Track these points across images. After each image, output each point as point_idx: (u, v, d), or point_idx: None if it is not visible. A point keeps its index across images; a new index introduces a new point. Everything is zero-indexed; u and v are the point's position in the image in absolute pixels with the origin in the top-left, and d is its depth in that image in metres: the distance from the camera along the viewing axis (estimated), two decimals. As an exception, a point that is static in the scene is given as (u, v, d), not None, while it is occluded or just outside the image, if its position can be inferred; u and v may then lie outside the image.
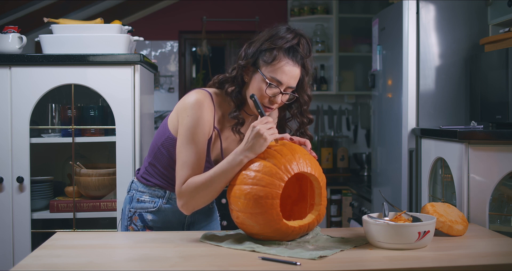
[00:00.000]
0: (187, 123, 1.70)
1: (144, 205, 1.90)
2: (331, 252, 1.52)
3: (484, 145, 2.09)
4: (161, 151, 1.85)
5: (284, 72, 1.68)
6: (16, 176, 2.41)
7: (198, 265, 1.46)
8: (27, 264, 1.46)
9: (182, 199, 1.70)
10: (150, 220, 1.89)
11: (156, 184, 1.90)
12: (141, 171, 1.96)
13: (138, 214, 1.90)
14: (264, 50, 1.69)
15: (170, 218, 1.91)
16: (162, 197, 1.89)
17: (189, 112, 1.70)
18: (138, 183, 1.94)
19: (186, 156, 1.69)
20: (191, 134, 1.69)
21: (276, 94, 1.70)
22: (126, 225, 1.93)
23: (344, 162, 4.61)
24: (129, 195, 1.95)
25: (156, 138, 1.88)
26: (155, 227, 1.89)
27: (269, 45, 1.68)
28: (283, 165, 1.59)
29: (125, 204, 1.95)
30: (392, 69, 2.88)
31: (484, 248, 1.69)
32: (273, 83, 1.68)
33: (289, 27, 1.73)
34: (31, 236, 2.43)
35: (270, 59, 1.68)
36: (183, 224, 1.94)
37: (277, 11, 4.92)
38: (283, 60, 1.68)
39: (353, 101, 4.77)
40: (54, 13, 3.52)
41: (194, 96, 1.72)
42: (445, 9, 2.68)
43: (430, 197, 2.47)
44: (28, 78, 2.42)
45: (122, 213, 1.97)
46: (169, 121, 1.82)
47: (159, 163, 1.87)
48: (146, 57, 2.54)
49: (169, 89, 4.96)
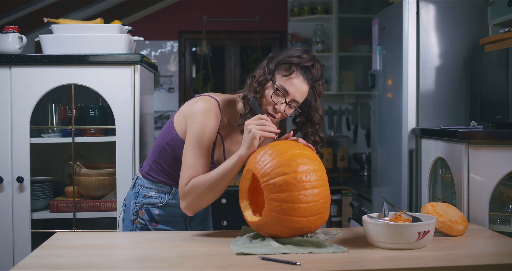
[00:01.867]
0: (196, 130, 1.80)
1: (151, 200, 1.99)
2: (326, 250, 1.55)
3: (484, 145, 2.09)
4: (166, 150, 1.94)
5: (293, 85, 1.78)
6: (16, 176, 2.41)
7: (198, 265, 1.46)
8: (27, 264, 1.46)
9: (185, 199, 1.77)
10: (157, 215, 1.99)
11: (162, 180, 2.00)
12: (145, 168, 2.04)
13: (145, 209, 1.99)
14: (281, 64, 1.80)
15: (175, 212, 2.00)
16: (168, 192, 2.00)
17: (198, 120, 1.80)
18: (144, 179, 2.02)
19: (192, 159, 1.78)
20: (198, 141, 1.79)
21: (280, 103, 1.79)
22: (131, 219, 1.99)
23: (344, 162, 4.61)
24: (134, 191, 2.02)
25: (161, 137, 1.96)
26: (161, 221, 1.99)
27: (287, 60, 1.80)
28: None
29: (129, 199, 2.02)
30: (392, 69, 2.88)
31: (484, 248, 1.69)
32: (280, 91, 1.78)
33: (307, 49, 1.88)
34: (31, 236, 2.43)
35: (284, 71, 1.79)
36: (186, 218, 2.05)
37: (277, 11, 4.92)
38: (295, 74, 1.79)
39: (353, 101, 4.77)
40: (54, 13, 3.52)
41: (203, 104, 1.83)
42: (445, 9, 2.69)
43: (430, 197, 2.47)
44: (28, 78, 2.42)
45: (126, 208, 2.03)
46: (175, 122, 1.91)
47: (164, 161, 1.96)
48: (146, 57, 2.54)
49: (169, 89, 4.96)
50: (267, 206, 1.59)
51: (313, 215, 1.59)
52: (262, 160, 1.63)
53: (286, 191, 1.56)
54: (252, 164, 1.66)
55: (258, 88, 1.79)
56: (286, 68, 1.78)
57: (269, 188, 1.58)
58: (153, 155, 2.00)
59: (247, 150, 1.71)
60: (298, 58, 1.79)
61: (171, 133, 1.91)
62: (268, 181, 1.59)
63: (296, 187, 1.56)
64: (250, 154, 1.71)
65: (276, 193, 1.57)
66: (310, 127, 1.90)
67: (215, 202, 1.84)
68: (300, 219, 1.57)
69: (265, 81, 1.80)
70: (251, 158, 1.69)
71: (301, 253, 1.53)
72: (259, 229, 1.65)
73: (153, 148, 2.02)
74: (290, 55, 1.80)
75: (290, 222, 1.58)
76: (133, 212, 1.99)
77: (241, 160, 1.71)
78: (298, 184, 1.57)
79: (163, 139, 1.94)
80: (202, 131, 1.79)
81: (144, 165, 2.06)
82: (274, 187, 1.57)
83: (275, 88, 1.78)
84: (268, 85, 1.79)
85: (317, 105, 1.87)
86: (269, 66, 1.81)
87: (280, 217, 1.57)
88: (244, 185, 1.71)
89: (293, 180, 1.57)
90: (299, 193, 1.56)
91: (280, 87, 1.78)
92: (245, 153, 1.71)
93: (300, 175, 1.57)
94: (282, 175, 1.58)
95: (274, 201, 1.57)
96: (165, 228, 1.99)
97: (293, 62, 1.78)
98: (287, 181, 1.57)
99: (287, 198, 1.56)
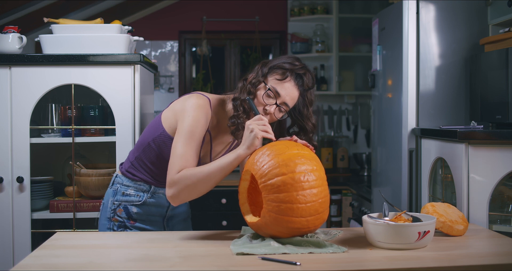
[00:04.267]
0: (188, 122, 1.80)
1: (129, 198, 2.00)
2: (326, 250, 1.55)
3: (484, 144, 2.09)
4: (151, 146, 1.94)
5: (284, 88, 1.83)
6: (16, 176, 2.41)
7: (198, 265, 1.46)
8: (27, 264, 1.46)
9: (173, 187, 1.73)
10: (135, 213, 2.00)
11: (142, 178, 2.00)
12: (125, 165, 2.05)
13: (123, 207, 1.99)
14: (275, 68, 1.86)
15: (153, 211, 2.03)
16: (147, 191, 2.00)
17: (191, 114, 1.81)
18: (123, 177, 2.03)
19: (184, 149, 1.77)
20: (191, 132, 1.79)
21: (271, 104, 1.83)
22: (109, 217, 2.00)
23: (344, 162, 4.61)
24: (112, 189, 2.03)
25: (147, 134, 1.97)
26: (139, 219, 2.00)
27: (280, 65, 1.86)
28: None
29: (107, 197, 2.03)
30: (392, 69, 2.88)
31: (484, 248, 1.69)
32: (271, 92, 1.82)
33: (299, 58, 1.93)
34: (31, 236, 2.43)
35: (278, 76, 1.84)
36: (164, 218, 2.07)
37: (277, 11, 4.92)
38: (287, 79, 1.84)
39: (353, 101, 4.77)
40: (54, 13, 3.52)
41: (195, 100, 1.84)
42: (445, 9, 2.68)
43: (430, 197, 2.47)
44: (28, 78, 2.42)
45: (103, 206, 2.04)
46: (163, 119, 1.92)
47: (147, 158, 1.97)
48: (146, 57, 2.54)
49: (169, 89, 4.96)
50: (266, 206, 1.59)
51: (311, 215, 1.59)
52: (260, 160, 1.63)
53: (284, 191, 1.56)
54: (251, 165, 1.66)
55: (251, 89, 1.83)
56: (280, 72, 1.84)
57: (268, 189, 1.58)
58: (136, 151, 2.00)
59: (247, 150, 1.71)
60: (291, 65, 1.85)
61: (158, 130, 1.91)
62: (266, 182, 1.59)
63: (294, 187, 1.56)
64: (250, 154, 1.71)
65: (274, 194, 1.57)
66: (303, 135, 1.93)
67: (215, 202, 1.84)
68: (298, 219, 1.57)
69: (258, 83, 1.84)
70: (250, 158, 1.69)
71: (301, 253, 1.53)
72: (258, 230, 1.65)
73: (136, 145, 2.03)
74: (284, 61, 1.86)
75: (288, 223, 1.58)
76: (110, 209, 2.00)
77: (239, 158, 1.71)
78: (296, 184, 1.57)
79: (149, 135, 1.95)
80: (194, 124, 1.79)
81: (124, 163, 2.07)
82: (272, 187, 1.57)
83: (267, 89, 1.82)
84: (260, 86, 1.84)
85: (309, 114, 1.92)
86: (262, 69, 1.87)
87: (278, 218, 1.57)
88: (243, 186, 1.71)
89: (291, 180, 1.56)
90: (297, 193, 1.56)
91: (272, 88, 1.82)
92: (244, 152, 1.71)
93: (298, 175, 1.57)
94: (280, 176, 1.58)
95: (273, 201, 1.57)
96: (142, 226, 2.01)
97: (286, 68, 1.84)
98: (285, 181, 1.57)
99: (285, 198, 1.56)
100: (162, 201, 2.03)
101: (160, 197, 2.02)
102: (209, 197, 1.68)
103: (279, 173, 1.58)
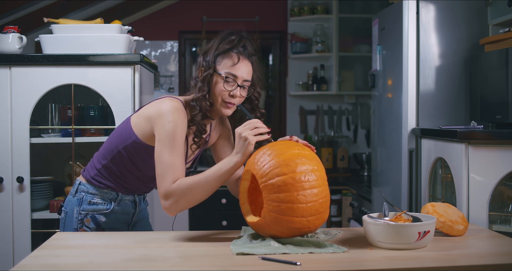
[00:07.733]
0: (169, 129, 1.74)
1: (96, 207, 1.92)
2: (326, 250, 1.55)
3: (484, 144, 2.09)
4: (121, 154, 1.87)
5: (237, 67, 1.82)
6: (16, 176, 2.41)
7: (198, 265, 1.46)
8: (27, 264, 1.46)
9: (170, 198, 1.71)
10: (103, 222, 1.93)
11: (109, 186, 1.92)
12: (91, 173, 1.94)
13: (91, 216, 1.92)
14: (218, 54, 1.84)
15: (120, 219, 1.97)
16: (114, 199, 1.94)
17: (170, 118, 1.75)
18: (88, 185, 1.94)
19: (171, 158, 1.72)
20: (173, 138, 1.74)
21: (234, 89, 1.82)
22: (75, 228, 1.92)
23: (344, 162, 4.61)
24: (76, 197, 1.93)
25: (115, 141, 1.89)
26: (107, 228, 1.94)
27: (222, 48, 1.84)
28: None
29: (71, 207, 1.93)
30: (392, 69, 2.88)
31: (484, 248, 1.69)
32: (229, 78, 1.81)
33: (232, 31, 1.89)
34: (31, 236, 2.43)
35: (224, 59, 1.83)
36: (129, 224, 2.02)
37: (277, 11, 4.92)
38: (235, 57, 1.83)
39: (353, 101, 4.77)
40: (54, 13, 3.51)
41: (171, 103, 1.78)
42: (445, 9, 2.69)
43: (430, 197, 2.47)
44: (28, 78, 2.42)
45: (67, 216, 1.94)
46: (134, 125, 1.85)
47: (116, 165, 1.89)
48: (146, 57, 2.54)
49: (169, 89, 4.96)
50: (266, 206, 1.59)
51: (312, 215, 1.59)
52: (261, 160, 1.63)
53: (285, 191, 1.56)
54: (251, 165, 1.66)
55: (204, 87, 1.81)
56: (227, 56, 1.82)
57: (268, 189, 1.58)
58: (104, 159, 1.91)
59: (242, 157, 1.70)
60: (230, 43, 1.83)
61: (130, 138, 1.84)
62: (267, 182, 1.59)
63: (295, 187, 1.56)
64: (246, 159, 1.71)
65: (275, 193, 1.57)
66: (248, 104, 1.91)
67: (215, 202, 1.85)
68: (299, 219, 1.57)
69: (209, 76, 1.82)
70: (250, 158, 1.69)
71: (301, 253, 1.53)
72: (258, 230, 1.65)
73: (101, 152, 1.94)
74: (222, 44, 1.83)
75: (289, 222, 1.57)
76: (77, 220, 1.91)
77: (236, 166, 1.70)
78: (296, 184, 1.56)
79: (119, 143, 1.86)
80: (175, 130, 1.74)
81: (88, 169, 1.96)
82: (273, 187, 1.57)
83: (224, 77, 1.80)
84: (215, 79, 1.82)
85: (254, 81, 1.89)
86: (206, 61, 1.84)
87: (279, 218, 1.57)
88: (243, 186, 1.71)
89: (292, 180, 1.56)
90: (297, 193, 1.56)
91: (227, 74, 1.80)
92: (241, 159, 1.70)
93: (299, 175, 1.57)
94: (281, 175, 1.57)
95: (273, 201, 1.57)
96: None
97: (229, 48, 1.82)
98: (286, 181, 1.56)
99: (286, 198, 1.56)
100: (128, 208, 1.98)
101: (126, 204, 1.97)
102: (209, 197, 1.67)
103: (279, 173, 1.58)
